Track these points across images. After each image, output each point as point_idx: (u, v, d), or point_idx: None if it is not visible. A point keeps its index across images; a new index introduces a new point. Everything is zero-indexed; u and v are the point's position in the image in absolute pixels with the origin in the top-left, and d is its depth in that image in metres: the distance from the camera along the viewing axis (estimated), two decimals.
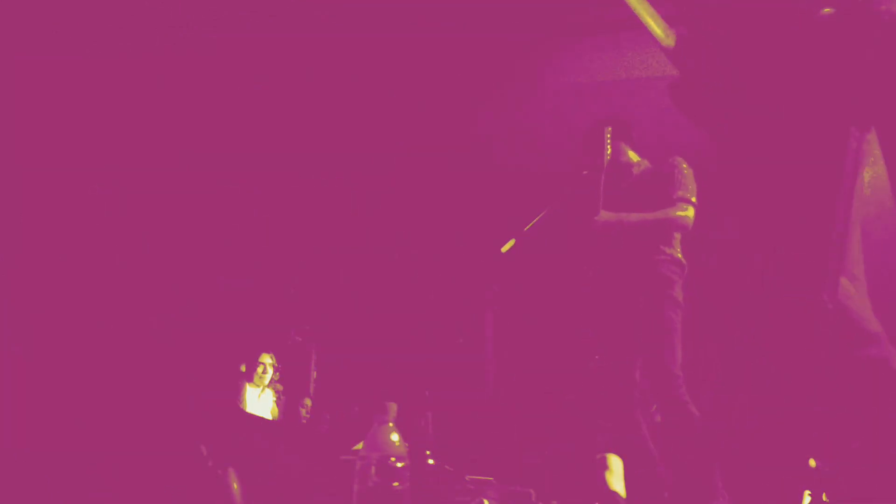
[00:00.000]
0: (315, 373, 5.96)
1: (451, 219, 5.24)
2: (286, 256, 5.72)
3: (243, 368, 5.55)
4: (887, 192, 1.45)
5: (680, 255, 2.98)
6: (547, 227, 3.18)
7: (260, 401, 5.56)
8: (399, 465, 1.62)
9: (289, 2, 4.38)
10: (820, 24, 1.41)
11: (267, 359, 5.59)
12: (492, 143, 5.19)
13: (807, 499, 1.77)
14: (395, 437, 1.65)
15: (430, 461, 2.67)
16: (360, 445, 1.69)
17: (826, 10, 1.42)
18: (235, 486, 2.45)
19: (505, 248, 3.11)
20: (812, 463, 1.76)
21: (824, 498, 1.73)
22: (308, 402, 5.80)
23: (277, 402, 5.70)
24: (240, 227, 5.39)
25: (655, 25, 1.57)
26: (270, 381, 5.62)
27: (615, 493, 2.69)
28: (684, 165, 2.99)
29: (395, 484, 1.60)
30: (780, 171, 1.57)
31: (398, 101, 5.03)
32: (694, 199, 2.94)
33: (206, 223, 5.04)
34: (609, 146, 2.96)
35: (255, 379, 5.54)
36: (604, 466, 2.75)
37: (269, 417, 5.51)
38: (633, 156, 3.19)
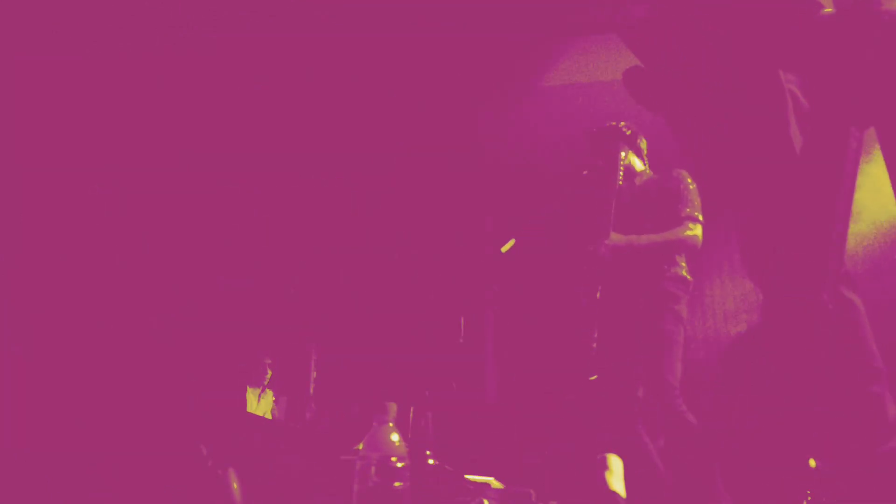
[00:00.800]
0: (315, 373, 5.95)
1: (452, 219, 5.24)
2: (286, 256, 5.72)
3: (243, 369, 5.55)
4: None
5: (685, 273, 2.98)
6: (547, 227, 3.18)
7: (260, 401, 5.57)
8: (399, 465, 1.62)
9: (289, 2, 4.38)
10: (820, 24, 1.41)
11: (266, 359, 5.60)
12: (491, 142, 5.19)
13: (807, 499, 1.77)
14: (395, 437, 1.65)
15: (431, 461, 2.67)
16: (360, 445, 1.69)
17: (826, 10, 1.43)
18: (235, 486, 2.45)
19: (505, 248, 3.11)
20: (812, 463, 1.77)
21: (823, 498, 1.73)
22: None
23: (277, 402, 5.70)
24: (240, 227, 5.38)
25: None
26: (269, 381, 5.63)
27: (615, 493, 2.70)
28: (689, 180, 2.99)
29: (396, 484, 1.60)
30: (780, 170, 1.57)
31: (398, 101, 5.03)
32: (701, 217, 2.93)
33: (206, 223, 5.04)
34: (622, 169, 2.97)
35: (255, 379, 5.54)
36: (604, 466, 2.75)
37: (269, 417, 5.51)
38: (636, 164, 3.18)
